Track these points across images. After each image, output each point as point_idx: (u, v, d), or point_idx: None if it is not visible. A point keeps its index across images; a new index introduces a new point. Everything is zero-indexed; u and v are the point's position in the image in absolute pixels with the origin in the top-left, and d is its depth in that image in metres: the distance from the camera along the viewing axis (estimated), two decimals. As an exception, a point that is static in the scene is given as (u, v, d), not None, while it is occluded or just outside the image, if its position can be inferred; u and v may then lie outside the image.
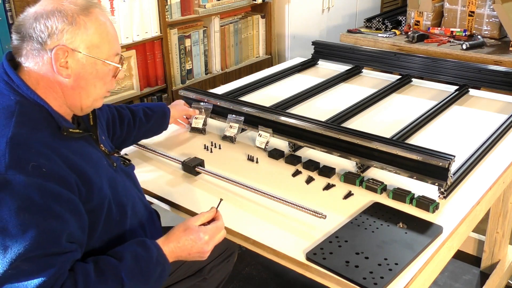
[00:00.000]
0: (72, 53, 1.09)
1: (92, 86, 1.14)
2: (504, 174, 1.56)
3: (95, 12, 1.12)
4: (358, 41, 3.19)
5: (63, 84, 1.11)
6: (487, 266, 2.38)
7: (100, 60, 1.13)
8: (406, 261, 1.17)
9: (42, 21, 1.07)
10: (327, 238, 1.26)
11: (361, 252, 1.20)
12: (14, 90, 1.08)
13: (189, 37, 3.20)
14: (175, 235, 1.18)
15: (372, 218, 1.32)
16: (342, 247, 1.22)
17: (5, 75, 1.09)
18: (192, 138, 1.84)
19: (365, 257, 1.18)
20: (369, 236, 1.26)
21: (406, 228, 1.28)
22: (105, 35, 1.13)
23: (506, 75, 2.05)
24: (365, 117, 1.95)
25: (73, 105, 1.15)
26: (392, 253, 1.20)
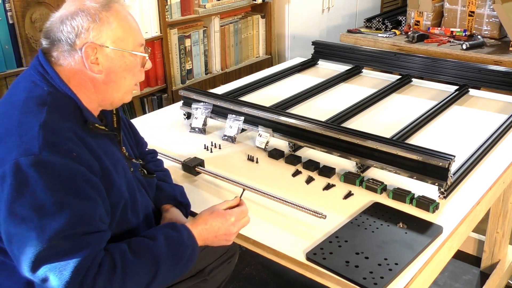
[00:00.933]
0: (100, 48, 1.13)
1: (123, 79, 1.18)
2: (504, 174, 1.56)
3: (115, 7, 1.16)
4: (358, 41, 3.19)
5: (96, 80, 1.16)
6: (487, 266, 2.38)
7: (127, 52, 1.17)
8: (406, 261, 1.17)
9: (68, 23, 1.12)
10: (327, 238, 1.26)
11: (361, 252, 1.20)
12: (48, 81, 1.13)
13: (189, 37, 3.20)
14: (202, 218, 1.21)
15: (372, 218, 1.32)
16: (342, 247, 1.22)
17: (40, 67, 1.14)
18: (192, 138, 1.84)
19: (365, 257, 1.18)
20: (369, 236, 1.26)
21: (406, 228, 1.28)
22: (128, 28, 1.17)
23: (506, 75, 2.05)
24: (365, 117, 1.95)
25: (104, 100, 1.19)
26: (392, 253, 1.20)
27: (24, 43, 2.40)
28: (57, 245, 0.99)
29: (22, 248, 1.00)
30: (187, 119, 1.96)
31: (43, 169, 1.01)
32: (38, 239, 0.99)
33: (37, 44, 2.45)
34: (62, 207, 1.01)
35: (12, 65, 2.41)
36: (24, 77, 1.16)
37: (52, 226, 0.99)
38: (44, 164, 1.01)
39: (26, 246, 0.99)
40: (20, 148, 1.02)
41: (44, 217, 1.00)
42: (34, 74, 1.14)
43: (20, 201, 1.00)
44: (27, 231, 0.99)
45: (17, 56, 2.42)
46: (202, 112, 1.86)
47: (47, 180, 1.01)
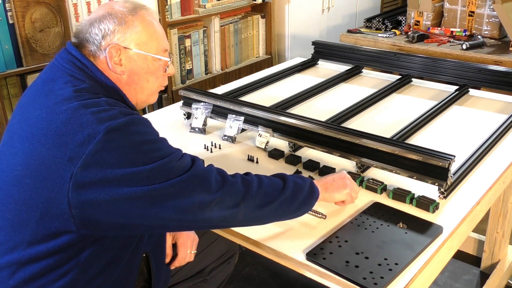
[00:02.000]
0: (124, 50, 1.19)
1: (145, 81, 1.24)
2: (504, 174, 1.56)
3: (142, 13, 1.22)
4: (358, 41, 3.19)
5: (119, 81, 1.20)
6: (487, 266, 2.38)
7: (150, 55, 1.22)
8: (406, 261, 1.17)
9: (96, 25, 1.18)
10: (327, 238, 1.26)
11: (361, 252, 1.20)
12: (88, 75, 1.16)
13: (189, 37, 3.20)
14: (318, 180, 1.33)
15: (372, 218, 1.32)
16: (342, 247, 1.22)
17: (77, 61, 1.17)
18: (192, 138, 1.84)
19: (365, 257, 1.18)
20: (369, 236, 1.26)
21: (406, 228, 1.28)
22: (153, 32, 1.22)
23: (506, 75, 2.05)
24: (365, 117, 1.95)
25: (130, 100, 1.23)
26: (392, 253, 1.20)
27: (24, 43, 2.40)
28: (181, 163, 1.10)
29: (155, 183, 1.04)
30: (187, 119, 1.96)
31: (134, 125, 1.07)
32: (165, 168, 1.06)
33: (37, 44, 2.45)
34: (163, 143, 1.12)
35: (12, 65, 2.41)
36: (60, 71, 1.16)
37: (167, 159, 1.07)
38: (132, 120, 1.07)
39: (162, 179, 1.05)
40: (102, 119, 1.05)
41: (157, 157, 1.06)
42: (71, 68, 1.16)
43: (134, 156, 1.04)
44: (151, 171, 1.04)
45: (17, 56, 2.42)
46: (202, 112, 1.86)
47: (142, 130, 1.09)
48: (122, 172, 1.01)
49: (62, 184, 1.00)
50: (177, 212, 1.05)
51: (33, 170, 1.04)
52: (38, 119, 1.08)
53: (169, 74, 1.31)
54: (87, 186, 1.00)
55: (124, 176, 1.01)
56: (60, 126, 1.04)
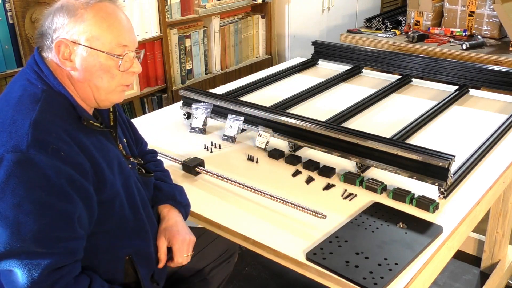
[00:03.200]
0: (73, 45, 1.12)
1: (99, 79, 1.15)
2: (504, 174, 1.56)
3: (99, 5, 1.13)
4: (358, 41, 3.19)
5: (72, 78, 1.15)
6: (487, 266, 2.38)
7: (102, 52, 1.13)
8: (406, 261, 1.17)
9: (50, 18, 1.13)
10: (327, 238, 1.26)
11: (361, 252, 1.20)
12: (42, 79, 1.13)
13: (189, 37, 3.20)
14: None
15: (372, 218, 1.32)
16: (342, 247, 1.22)
17: (35, 65, 1.15)
18: (192, 138, 1.84)
19: (365, 257, 1.18)
20: (369, 236, 1.26)
21: (406, 228, 1.28)
22: (107, 27, 1.13)
23: (506, 75, 2.05)
24: (365, 117, 1.95)
25: (86, 98, 1.17)
26: (392, 253, 1.19)
27: (24, 43, 2.40)
28: (30, 247, 1.00)
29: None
30: (187, 119, 1.96)
31: (28, 167, 1.01)
32: (12, 237, 0.99)
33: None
34: (41, 208, 1.01)
35: (12, 65, 2.41)
36: (21, 75, 1.17)
37: (27, 227, 0.99)
38: (30, 162, 1.01)
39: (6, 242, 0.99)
40: (8, 144, 1.02)
41: (21, 216, 0.99)
42: (29, 72, 1.15)
43: (0, 197, 0.99)
44: (1, 227, 0.99)
45: (17, 56, 2.42)
46: (202, 112, 1.86)
47: (30, 179, 1.01)
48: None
49: None
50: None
51: None
52: None
53: (134, 73, 1.20)
54: None
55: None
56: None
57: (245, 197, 1.45)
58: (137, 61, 1.20)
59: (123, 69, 1.16)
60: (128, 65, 1.17)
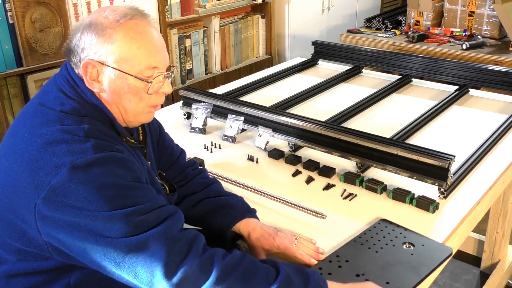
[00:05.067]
0: (100, 66, 1.07)
1: (127, 101, 1.11)
2: (504, 174, 1.56)
3: (130, 23, 1.07)
4: (358, 41, 3.19)
5: (102, 97, 1.11)
6: (487, 266, 2.38)
7: (130, 75, 1.08)
8: (410, 286, 1.10)
9: (78, 35, 1.08)
10: (327, 257, 1.19)
11: (362, 274, 1.13)
12: (78, 93, 1.09)
13: (189, 37, 3.20)
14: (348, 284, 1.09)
15: (377, 237, 1.24)
16: (342, 268, 1.15)
17: (69, 77, 1.10)
18: (192, 138, 1.84)
19: (366, 279, 1.11)
20: (372, 256, 1.18)
21: (412, 249, 1.21)
22: (136, 48, 1.07)
23: (506, 75, 2.05)
24: (365, 117, 1.95)
25: (117, 118, 1.13)
26: (395, 276, 1.12)
27: (24, 43, 2.40)
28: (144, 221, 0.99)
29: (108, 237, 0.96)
30: (187, 119, 1.96)
31: (103, 164, 0.99)
32: (124, 222, 0.97)
33: (37, 44, 2.45)
34: (133, 190, 1.01)
35: (12, 65, 2.41)
36: (53, 84, 1.12)
37: (132, 209, 0.98)
38: (102, 159, 0.99)
39: (112, 233, 0.96)
40: (72, 153, 0.99)
41: (121, 204, 0.98)
42: (64, 84, 1.10)
43: (91, 199, 0.96)
44: (109, 221, 0.96)
45: (17, 56, 2.42)
46: (202, 112, 1.86)
47: (110, 172, 0.99)
48: (81, 214, 0.96)
49: (30, 211, 0.98)
50: (130, 275, 0.98)
51: (9, 191, 1.02)
52: (21, 138, 1.05)
53: (164, 94, 1.15)
54: (50, 218, 0.98)
55: (82, 218, 0.96)
56: (36, 150, 1.01)
57: (245, 197, 1.45)
58: (167, 82, 1.15)
59: (152, 92, 1.11)
60: (158, 86, 1.12)
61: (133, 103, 1.11)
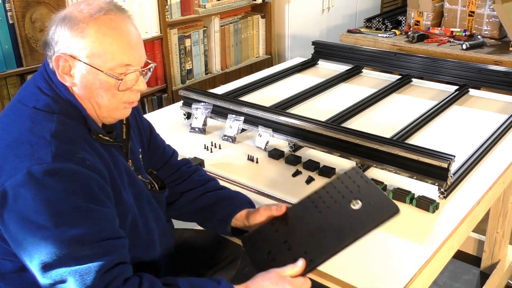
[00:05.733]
0: (72, 60, 1.06)
1: (99, 97, 1.10)
2: (504, 174, 1.56)
3: (103, 18, 1.06)
4: (358, 41, 3.19)
5: (75, 92, 1.10)
6: (487, 266, 2.38)
7: (101, 71, 1.07)
8: (321, 259, 1.06)
9: (53, 28, 1.08)
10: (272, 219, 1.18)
11: (286, 241, 1.09)
12: (52, 89, 1.09)
13: (189, 37, 3.21)
14: (255, 281, 1.10)
15: (333, 192, 1.18)
16: (278, 232, 1.11)
17: (45, 74, 1.11)
18: (192, 138, 1.84)
19: (288, 249, 1.08)
20: (311, 219, 1.13)
21: (358, 207, 1.12)
22: (109, 44, 1.06)
23: (506, 75, 2.05)
24: (365, 117, 1.95)
25: (92, 114, 1.12)
26: (316, 245, 1.08)
27: (24, 43, 2.40)
28: (77, 252, 0.97)
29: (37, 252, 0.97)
30: (187, 119, 1.96)
31: (58, 176, 0.98)
32: (56, 246, 0.97)
33: (37, 44, 2.45)
34: (80, 213, 0.99)
35: (12, 65, 2.42)
36: (32, 81, 1.13)
37: (71, 233, 0.97)
38: (59, 171, 0.98)
39: (42, 251, 0.97)
40: (32, 157, 0.99)
41: (62, 224, 0.97)
42: (40, 80, 1.11)
43: (36, 209, 0.97)
44: (43, 239, 0.97)
45: (17, 56, 2.42)
46: (202, 112, 1.86)
47: (63, 187, 0.98)
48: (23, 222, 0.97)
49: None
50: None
51: None
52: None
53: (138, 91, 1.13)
54: (3, 215, 1.00)
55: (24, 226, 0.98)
56: (3, 147, 1.03)
57: (245, 197, 1.45)
58: (142, 79, 1.13)
59: (124, 89, 1.10)
60: (131, 84, 1.11)
61: (105, 99, 1.10)
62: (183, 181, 1.38)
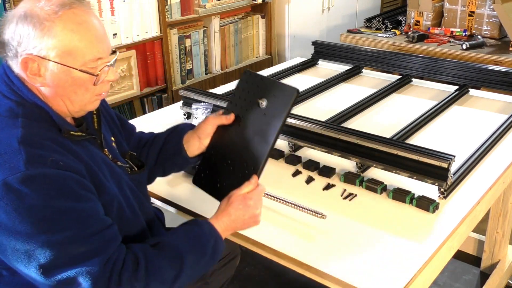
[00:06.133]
0: (41, 61, 1.02)
1: (73, 93, 1.07)
2: (504, 174, 1.56)
3: (68, 14, 1.03)
4: (358, 41, 3.19)
5: (43, 92, 1.07)
6: (487, 266, 2.38)
7: (75, 69, 1.04)
8: (262, 163, 1.16)
9: (12, 27, 1.02)
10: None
11: (227, 163, 1.20)
12: (14, 92, 1.06)
13: (189, 37, 3.21)
14: (222, 209, 1.18)
15: (239, 104, 1.25)
16: (216, 159, 1.24)
17: (5, 76, 1.07)
18: (192, 138, 1.83)
19: (231, 169, 1.18)
20: (236, 134, 1.23)
21: (264, 106, 1.21)
22: (78, 40, 1.03)
23: (506, 75, 2.05)
24: (365, 117, 1.95)
25: (60, 112, 1.10)
26: (250, 154, 1.18)
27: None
28: (72, 252, 0.98)
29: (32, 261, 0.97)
30: (187, 119, 1.96)
31: (35, 184, 0.97)
32: (51, 251, 0.96)
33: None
34: (65, 215, 0.98)
35: None
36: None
37: (61, 236, 0.97)
38: (35, 178, 0.97)
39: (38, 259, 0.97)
40: (3, 167, 0.97)
41: (51, 229, 0.97)
42: (0, 84, 1.07)
43: (19, 220, 0.96)
44: (36, 247, 0.96)
45: None
46: (202, 112, 1.85)
47: (42, 193, 0.97)
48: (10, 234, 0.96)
49: None
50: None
51: None
52: None
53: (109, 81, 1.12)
54: None
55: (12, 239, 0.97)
56: None
57: (245, 197, 1.45)
58: (112, 69, 1.11)
59: (99, 82, 1.09)
60: (104, 76, 1.10)
61: (79, 95, 1.08)
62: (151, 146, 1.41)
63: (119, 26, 2.78)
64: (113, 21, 2.76)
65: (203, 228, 1.13)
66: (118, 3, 2.75)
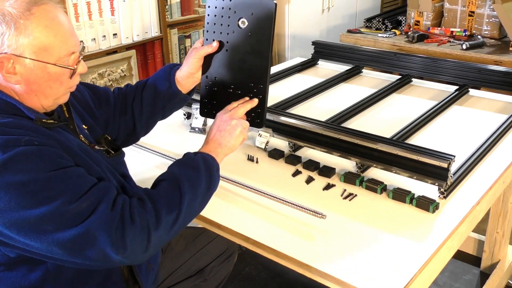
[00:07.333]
0: (17, 59, 1.03)
1: (48, 88, 1.09)
2: (504, 174, 1.56)
3: (40, 11, 1.04)
4: (358, 41, 3.19)
5: (16, 90, 1.08)
6: (487, 266, 2.38)
7: (51, 64, 1.06)
8: (266, 78, 1.23)
9: None
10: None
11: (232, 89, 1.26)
12: None
13: (189, 37, 3.21)
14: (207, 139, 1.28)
15: (218, 30, 1.29)
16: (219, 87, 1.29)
17: None
18: (192, 138, 1.84)
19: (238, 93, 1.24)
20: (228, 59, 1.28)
21: (247, 25, 1.24)
22: (53, 36, 1.05)
23: (506, 75, 2.05)
24: (365, 117, 1.95)
25: (33, 107, 1.11)
26: (252, 73, 1.23)
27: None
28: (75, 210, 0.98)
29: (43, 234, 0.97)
30: (187, 119, 1.96)
31: (16, 163, 0.97)
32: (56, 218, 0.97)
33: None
34: (54, 181, 0.99)
35: None
36: None
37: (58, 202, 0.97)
38: (13, 158, 0.97)
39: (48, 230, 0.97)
40: None
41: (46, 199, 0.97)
42: None
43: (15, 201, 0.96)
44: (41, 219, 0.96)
45: None
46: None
47: (26, 168, 0.97)
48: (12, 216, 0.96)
49: None
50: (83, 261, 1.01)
51: None
52: None
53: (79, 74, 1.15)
54: None
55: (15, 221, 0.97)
56: None
57: (245, 197, 1.45)
58: (82, 61, 1.14)
59: (83, 71, 1.14)
60: (77, 69, 1.13)
61: (54, 89, 1.10)
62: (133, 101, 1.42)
63: (119, 26, 2.78)
64: (113, 21, 2.76)
65: (187, 154, 1.21)
66: (118, 3, 2.75)
